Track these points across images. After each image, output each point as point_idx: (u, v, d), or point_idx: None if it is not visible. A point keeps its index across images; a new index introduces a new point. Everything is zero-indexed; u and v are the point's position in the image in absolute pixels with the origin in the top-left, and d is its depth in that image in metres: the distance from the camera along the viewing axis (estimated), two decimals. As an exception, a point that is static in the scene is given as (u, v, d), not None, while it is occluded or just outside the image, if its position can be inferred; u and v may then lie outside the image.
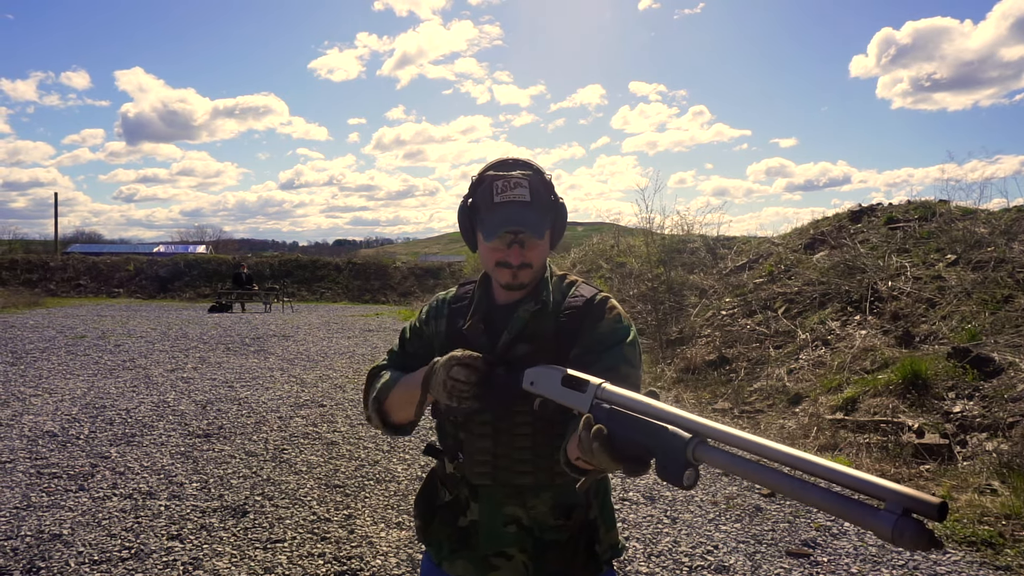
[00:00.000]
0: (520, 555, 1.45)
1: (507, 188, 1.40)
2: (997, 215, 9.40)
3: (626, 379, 1.34)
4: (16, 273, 26.34)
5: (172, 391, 7.83)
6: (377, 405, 1.53)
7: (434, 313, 1.60)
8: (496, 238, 1.39)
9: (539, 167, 1.47)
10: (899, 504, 0.76)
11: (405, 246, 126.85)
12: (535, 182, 1.43)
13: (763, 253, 11.80)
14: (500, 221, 1.39)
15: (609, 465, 1.06)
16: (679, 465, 0.95)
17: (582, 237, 19.45)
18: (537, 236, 1.40)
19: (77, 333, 13.10)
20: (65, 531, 3.87)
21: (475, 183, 1.47)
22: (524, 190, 1.40)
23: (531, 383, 1.28)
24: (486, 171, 1.46)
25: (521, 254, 1.41)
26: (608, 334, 1.41)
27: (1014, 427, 4.92)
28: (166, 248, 49.15)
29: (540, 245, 1.44)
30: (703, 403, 7.59)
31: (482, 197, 1.43)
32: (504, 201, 1.39)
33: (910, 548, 0.77)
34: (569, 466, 1.24)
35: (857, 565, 3.58)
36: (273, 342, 12.47)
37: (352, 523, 4.11)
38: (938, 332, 6.84)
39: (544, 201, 1.44)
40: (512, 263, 1.42)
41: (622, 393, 1.11)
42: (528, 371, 1.29)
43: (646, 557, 3.69)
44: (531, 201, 1.40)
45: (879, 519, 0.77)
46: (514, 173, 1.42)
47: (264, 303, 21.25)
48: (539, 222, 1.41)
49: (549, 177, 1.48)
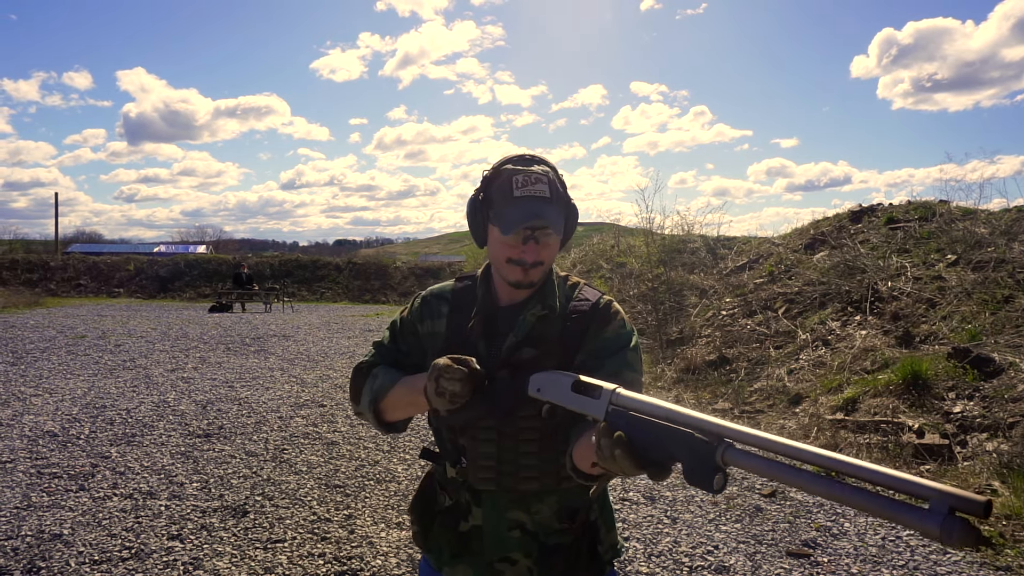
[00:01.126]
0: (525, 560, 1.44)
1: (528, 183, 1.37)
2: (997, 215, 9.40)
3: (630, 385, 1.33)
4: (16, 273, 26.34)
5: (172, 391, 7.83)
6: (373, 406, 1.49)
7: (429, 312, 1.53)
8: (514, 233, 1.36)
9: (554, 165, 1.45)
10: (944, 503, 0.75)
11: (405, 246, 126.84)
12: (554, 179, 1.41)
13: (763, 253, 11.80)
14: (522, 215, 1.35)
15: (631, 472, 1.04)
16: (708, 469, 0.94)
17: (582, 237, 19.46)
18: (558, 233, 1.38)
19: (77, 333, 13.10)
20: (65, 531, 3.87)
21: (490, 177, 1.43)
22: (544, 186, 1.37)
23: (538, 390, 1.25)
24: (503, 164, 1.42)
25: (536, 251, 1.38)
26: (613, 339, 1.40)
27: (1014, 427, 4.92)
28: (166, 248, 49.15)
29: (553, 244, 1.41)
30: (703, 403, 7.59)
31: (499, 190, 1.39)
32: (525, 196, 1.36)
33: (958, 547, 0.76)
34: (576, 472, 1.22)
35: (857, 565, 3.58)
36: (273, 342, 12.47)
37: (352, 523, 4.11)
38: (938, 332, 6.84)
39: (562, 199, 1.42)
40: (526, 260, 1.39)
41: (640, 398, 1.08)
42: (534, 377, 1.26)
43: (646, 557, 3.69)
44: (551, 198, 1.38)
45: (926, 519, 0.76)
46: (534, 168, 1.40)
47: (264, 303, 21.25)
48: (558, 220, 1.39)
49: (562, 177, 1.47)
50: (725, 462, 0.94)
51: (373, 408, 1.49)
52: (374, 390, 1.49)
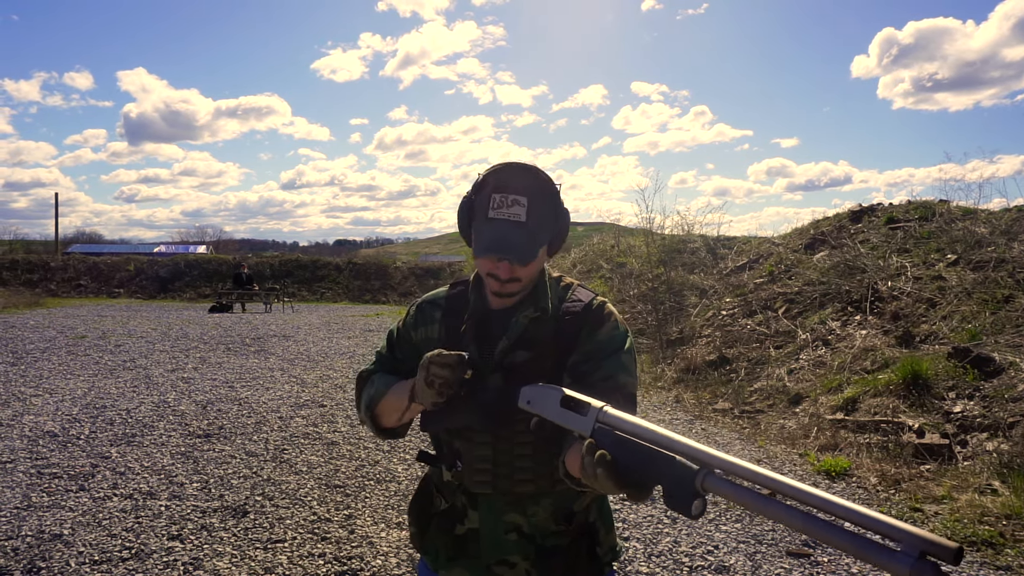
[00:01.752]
0: (523, 562, 1.44)
1: (504, 205, 1.34)
2: (997, 215, 9.40)
3: (623, 388, 1.34)
4: (17, 273, 26.35)
5: (172, 391, 7.83)
6: (369, 412, 1.52)
7: (423, 319, 1.54)
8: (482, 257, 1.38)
9: (546, 177, 1.39)
10: (915, 547, 0.76)
11: (405, 246, 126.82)
12: (535, 198, 1.35)
13: (763, 253, 11.80)
14: (487, 243, 1.35)
15: (612, 490, 1.05)
16: (688, 495, 0.94)
17: (582, 237, 19.46)
18: (521, 263, 1.35)
19: (78, 333, 13.10)
20: (65, 531, 3.87)
21: (479, 184, 1.40)
22: (521, 208, 1.33)
23: (527, 402, 1.24)
24: (489, 175, 1.39)
25: (510, 270, 1.38)
26: (607, 341, 1.40)
27: (1014, 427, 4.92)
28: (166, 248, 49.15)
29: (531, 263, 1.39)
30: (703, 403, 7.59)
31: (480, 205, 1.38)
32: (497, 218, 1.34)
33: None
34: (569, 477, 1.22)
35: (857, 565, 3.58)
36: (273, 342, 12.47)
37: (352, 523, 4.12)
38: (938, 332, 6.84)
39: (543, 219, 1.37)
40: (500, 277, 1.39)
41: (626, 418, 1.08)
42: (524, 389, 1.26)
43: (646, 557, 3.69)
44: (526, 222, 1.34)
45: (897, 561, 0.77)
46: (514, 186, 1.35)
47: (264, 303, 21.26)
48: (528, 245, 1.34)
49: (559, 186, 1.40)
50: (705, 488, 0.94)
51: (369, 414, 1.52)
52: (370, 396, 1.52)
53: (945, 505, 4.31)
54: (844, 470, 5.01)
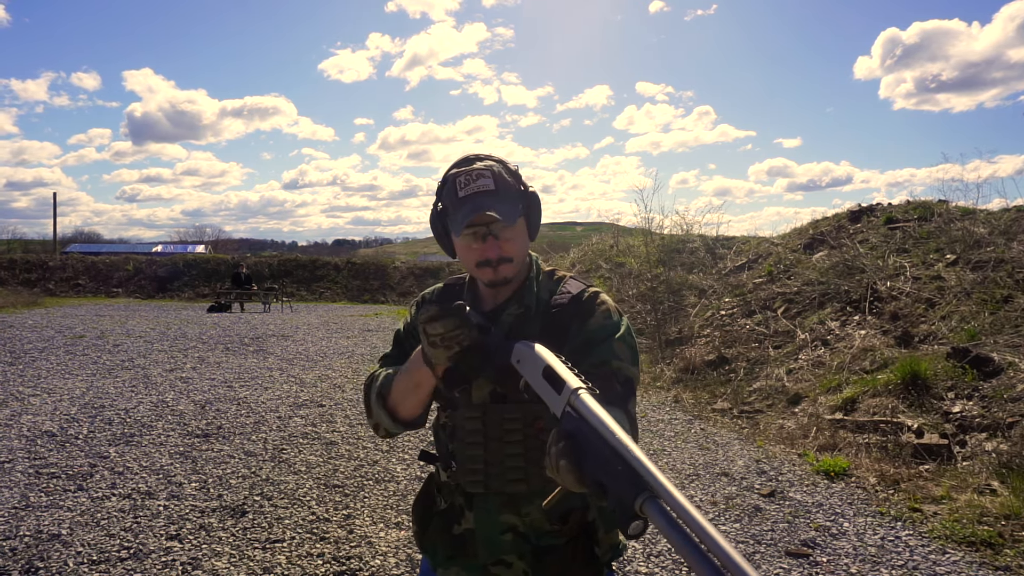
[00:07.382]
0: (519, 562, 1.44)
1: (470, 181, 1.36)
2: (997, 215, 9.40)
3: (616, 373, 1.31)
4: (15, 273, 26.31)
5: (171, 391, 7.82)
6: (382, 402, 1.47)
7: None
8: (467, 231, 1.35)
9: (501, 158, 1.44)
10: None
11: (405, 246, 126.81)
12: (500, 172, 1.39)
13: (762, 253, 11.80)
14: (467, 212, 1.34)
15: (573, 487, 0.98)
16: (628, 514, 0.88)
17: (582, 237, 19.45)
18: (507, 222, 1.35)
19: (76, 333, 13.08)
20: (64, 531, 3.86)
21: (440, 186, 1.43)
22: (488, 180, 1.36)
23: (518, 361, 1.21)
24: (446, 174, 1.43)
25: (498, 247, 1.38)
26: (597, 330, 1.37)
27: (1014, 427, 4.92)
28: (165, 248, 49.08)
29: (516, 236, 1.40)
30: (702, 403, 7.59)
31: (448, 197, 1.40)
32: (469, 194, 1.36)
33: None
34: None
35: (856, 565, 3.57)
36: (272, 342, 12.46)
37: (351, 523, 4.11)
38: (937, 332, 6.84)
39: (511, 190, 1.40)
40: (491, 258, 1.38)
41: (596, 412, 0.98)
42: (517, 346, 1.22)
43: (646, 557, 3.69)
44: (496, 190, 1.36)
45: None
46: (476, 165, 1.39)
47: (263, 303, 21.24)
48: (508, 210, 1.36)
49: (515, 168, 1.44)
50: (643, 512, 0.87)
51: (383, 406, 1.47)
52: (378, 388, 1.48)
53: (944, 505, 4.30)
54: (843, 470, 5.01)
